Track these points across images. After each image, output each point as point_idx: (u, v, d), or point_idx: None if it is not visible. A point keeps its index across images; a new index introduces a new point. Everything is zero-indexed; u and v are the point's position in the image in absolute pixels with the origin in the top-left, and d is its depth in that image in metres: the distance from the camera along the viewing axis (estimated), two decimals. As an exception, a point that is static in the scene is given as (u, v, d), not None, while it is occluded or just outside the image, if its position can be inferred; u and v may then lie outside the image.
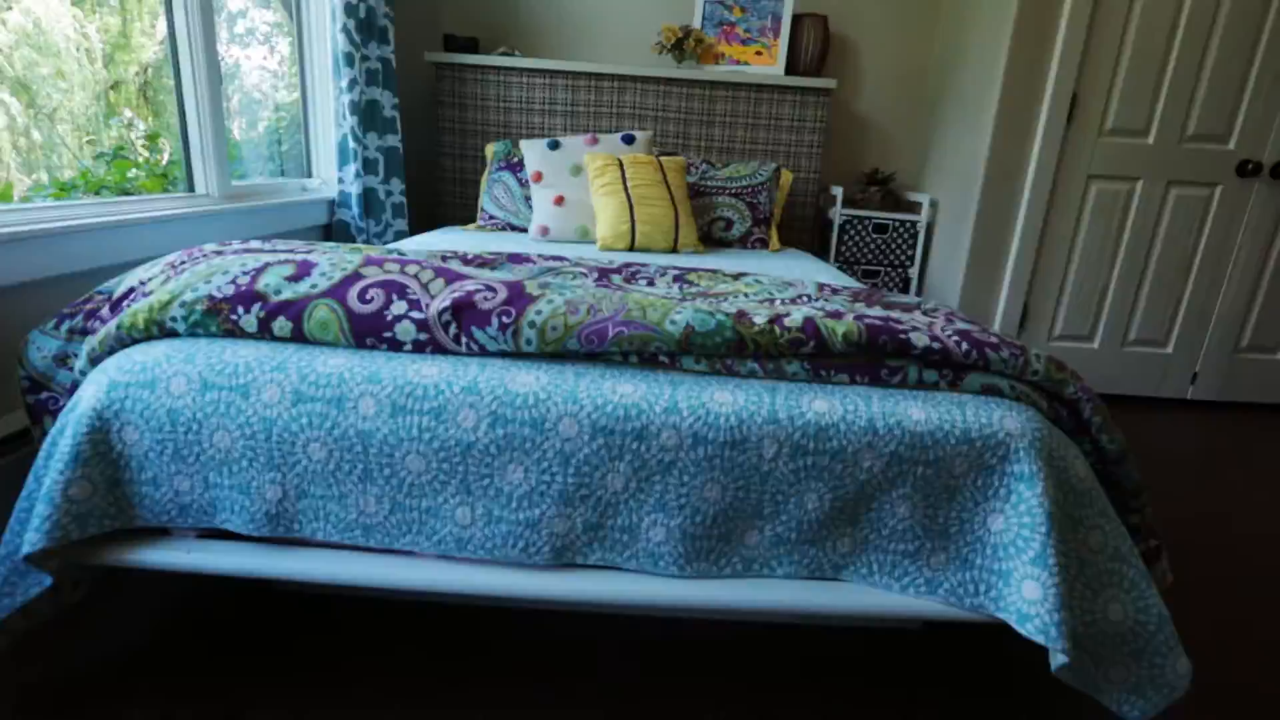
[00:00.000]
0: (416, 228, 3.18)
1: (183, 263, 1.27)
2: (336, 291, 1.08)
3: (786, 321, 1.03)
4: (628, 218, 2.27)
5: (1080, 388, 1.01)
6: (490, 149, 2.79)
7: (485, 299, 1.06)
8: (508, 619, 1.30)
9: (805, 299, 1.31)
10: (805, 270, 2.14)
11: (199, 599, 1.32)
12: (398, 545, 1.04)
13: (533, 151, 2.51)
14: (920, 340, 1.01)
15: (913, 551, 1.00)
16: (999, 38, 2.44)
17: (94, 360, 1.13)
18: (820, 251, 3.10)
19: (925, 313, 1.27)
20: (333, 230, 2.71)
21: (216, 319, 1.08)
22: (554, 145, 2.50)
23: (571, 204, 2.43)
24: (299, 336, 1.07)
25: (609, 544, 1.02)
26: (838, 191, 2.79)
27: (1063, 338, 2.67)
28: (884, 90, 3.01)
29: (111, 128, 2.45)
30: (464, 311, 1.05)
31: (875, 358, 1.03)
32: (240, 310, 1.08)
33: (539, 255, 1.56)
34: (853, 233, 2.80)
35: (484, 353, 1.06)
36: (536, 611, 1.33)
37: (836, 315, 1.09)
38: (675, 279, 1.45)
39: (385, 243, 2.76)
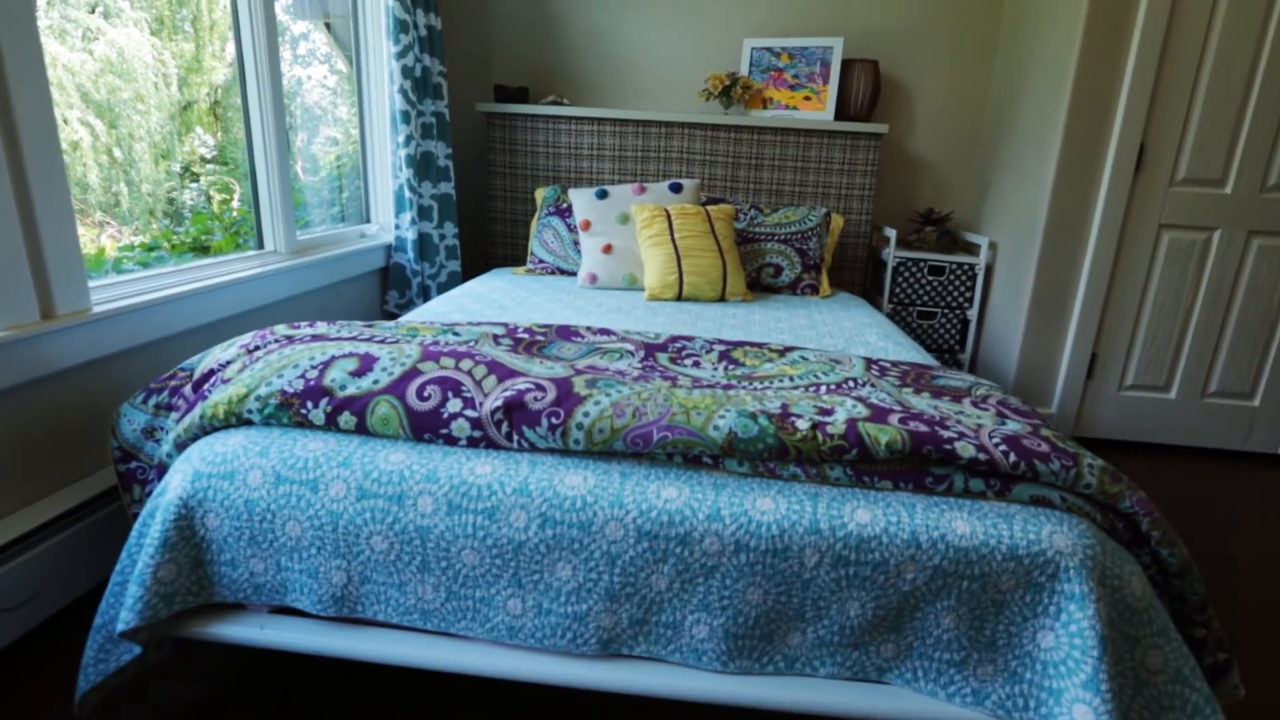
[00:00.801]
0: (468, 268, 3.28)
1: (256, 348, 1.35)
2: (396, 388, 1.15)
3: (829, 428, 1.04)
4: (675, 269, 2.30)
5: (1136, 501, 0.99)
6: (540, 194, 2.87)
7: (535, 399, 1.10)
8: (554, 703, 1.34)
9: (851, 385, 1.31)
10: (856, 322, 2.13)
11: (261, 657, 1.40)
12: (453, 630, 1.09)
13: (581, 200, 2.57)
14: (966, 451, 1.00)
15: (959, 661, 1.00)
16: (1059, 84, 2.38)
17: (180, 446, 1.22)
18: (873, 292, 3.07)
19: (976, 403, 1.25)
20: (390, 274, 2.82)
21: (288, 412, 1.15)
22: (602, 194, 2.55)
23: (619, 252, 2.48)
24: (363, 430, 1.14)
25: (654, 638, 1.05)
26: (891, 233, 2.76)
27: (1135, 387, 2.57)
28: (938, 130, 2.97)
29: (185, 143, 2.64)
30: (515, 411, 1.10)
31: (920, 465, 1.03)
32: (309, 405, 1.15)
33: (586, 328, 1.60)
34: (907, 275, 2.76)
35: (534, 449, 1.10)
36: (583, 697, 1.36)
37: (882, 416, 1.09)
38: (721, 356, 1.47)
39: (439, 283, 2.86)
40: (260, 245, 2.27)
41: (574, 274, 2.67)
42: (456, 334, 1.44)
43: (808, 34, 2.88)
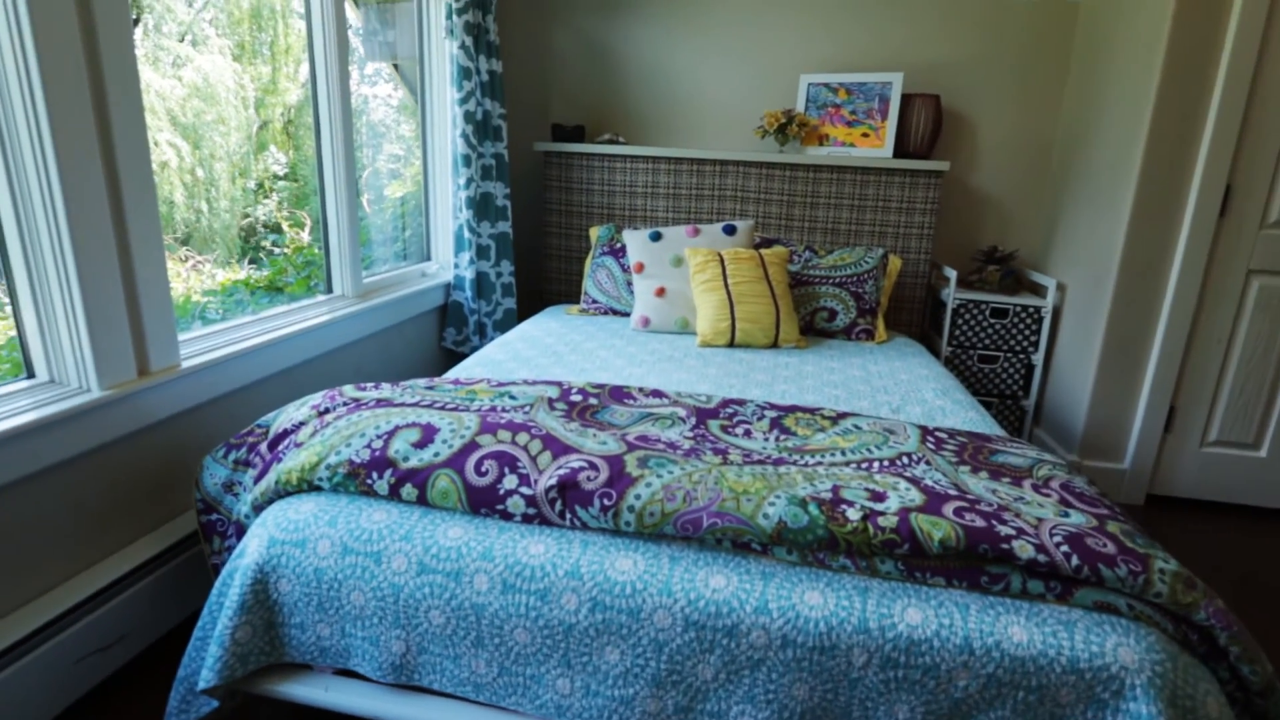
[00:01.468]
0: (524, 304, 3.35)
1: (326, 410, 1.43)
2: (455, 461, 1.19)
3: (881, 520, 1.03)
4: (728, 315, 2.30)
5: (1213, 612, 0.95)
6: (594, 233, 2.92)
7: (588, 478, 1.13)
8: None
9: (905, 461, 1.29)
10: (912, 375, 2.09)
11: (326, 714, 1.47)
12: (504, 704, 1.12)
13: (635, 242, 2.60)
14: (1024, 551, 0.98)
15: (1014, 769, 0.97)
16: (1136, 118, 2.28)
17: (257, 508, 1.30)
18: (931, 333, 3.00)
19: (1037, 486, 1.22)
20: (448, 311, 2.92)
21: (355, 481, 1.22)
22: (655, 237, 2.58)
23: (672, 295, 2.50)
24: (424, 501, 1.19)
25: (699, 723, 1.05)
26: (951, 274, 2.69)
27: (1220, 444, 2.43)
28: (1003, 165, 2.88)
29: (259, 161, 2.81)
30: (569, 490, 1.13)
31: (975, 563, 1.01)
32: (375, 475, 1.21)
33: (639, 389, 1.62)
34: (968, 316, 2.68)
35: (587, 528, 1.13)
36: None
37: (937, 505, 1.07)
38: (773, 424, 1.47)
39: (495, 320, 2.94)
40: (329, 289, 2.39)
41: (627, 315, 2.70)
42: (513, 397, 1.49)
43: (867, 69, 2.85)
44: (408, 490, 1.19)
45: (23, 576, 1.35)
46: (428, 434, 1.26)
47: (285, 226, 3.21)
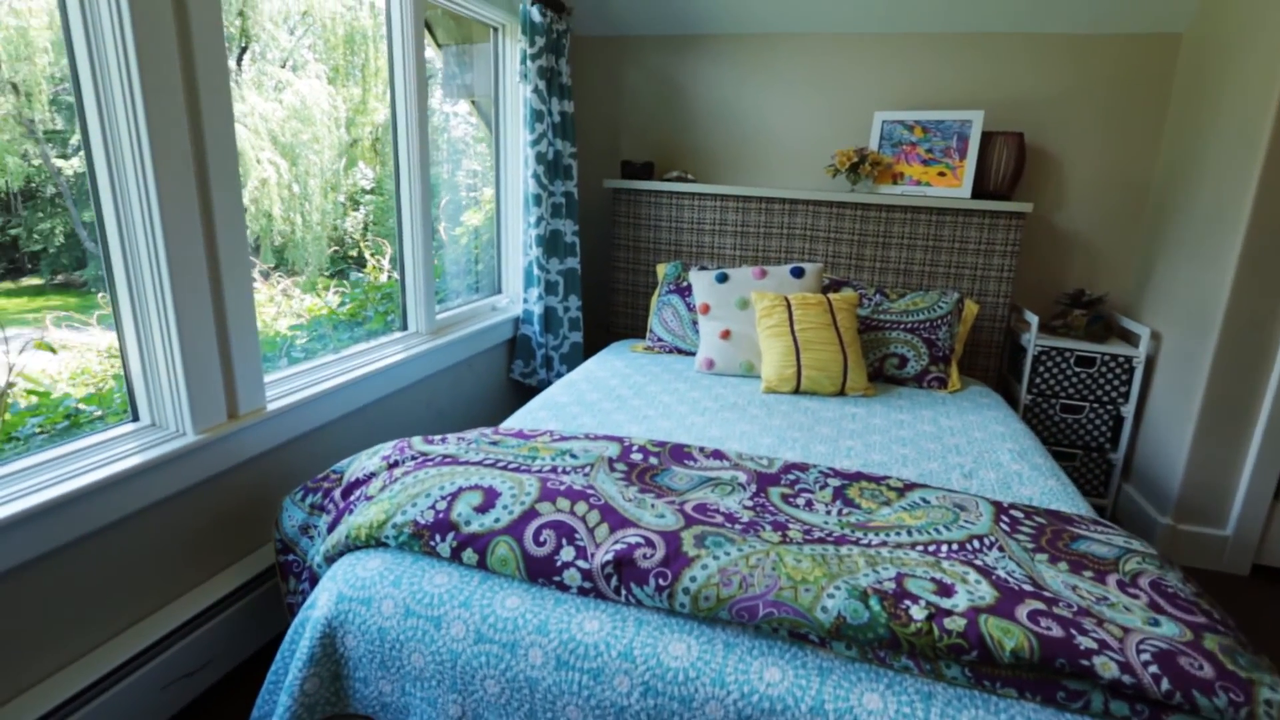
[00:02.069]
0: (590, 338, 3.39)
1: (395, 463, 1.48)
2: (515, 529, 1.22)
3: (947, 622, 0.98)
4: (794, 362, 2.26)
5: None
6: (661, 270, 2.93)
7: (644, 556, 1.13)
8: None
9: (976, 546, 1.23)
10: (987, 432, 1.99)
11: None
12: (555, 775, 1.13)
13: (701, 283, 2.60)
14: (1107, 670, 0.91)
15: None
16: (1247, 158, 2.12)
17: (329, 558, 1.36)
18: (1009, 377, 2.85)
19: (1124, 584, 1.14)
20: (517, 344, 2.99)
21: (420, 542, 1.26)
22: (722, 278, 2.57)
23: (738, 338, 2.47)
24: (483, 566, 1.22)
25: (751, 817, 1.03)
26: (1032, 319, 2.55)
27: (1333, 509, 2.21)
28: (1093, 204, 2.73)
29: (349, 176, 2.97)
30: (624, 567, 1.13)
31: (1051, 676, 0.95)
32: (438, 537, 1.24)
33: (699, 449, 1.61)
34: (1050, 364, 2.54)
35: (641, 605, 1.13)
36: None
37: (1010, 605, 1.02)
38: (836, 494, 1.43)
39: (562, 353, 2.98)
40: (404, 325, 2.49)
41: (691, 354, 2.69)
42: (574, 456, 1.51)
43: (945, 106, 2.76)
44: (468, 555, 1.22)
45: (123, 605, 1.46)
46: (489, 498, 1.29)
47: (368, 255, 3.37)
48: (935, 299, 2.53)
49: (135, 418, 1.56)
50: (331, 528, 1.44)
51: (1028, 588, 1.09)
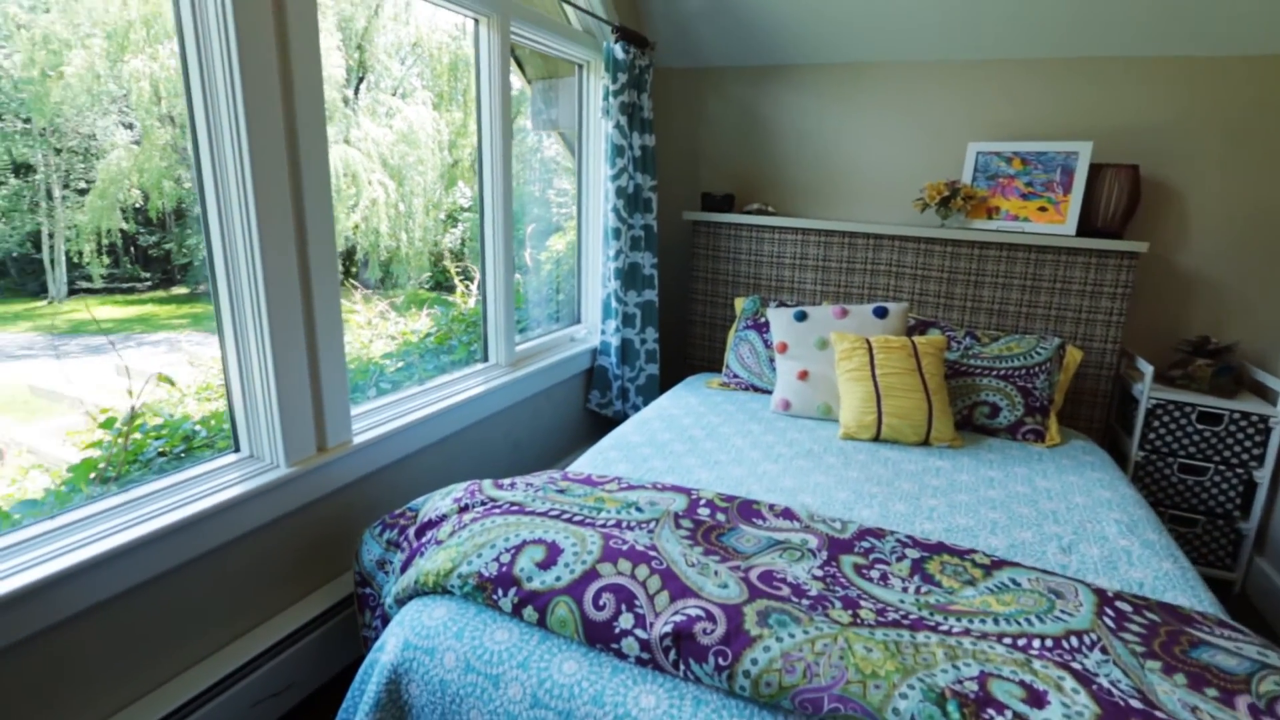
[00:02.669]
0: (666, 370, 3.37)
1: (466, 507, 1.51)
2: (575, 590, 1.21)
3: (1036, 739, 0.89)
4: (874, 408, 2.16)
5: None
6: (739, 304, 2.88)
7: (704, 631, 1.09)
8: None
9: (1074, 644, 1.12)
10: (1091, 498, 1.83)
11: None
12: None
13: (779, 321, 2.54)
14: (1226, 817, 0.80)
15: None
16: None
17: (399, 600, 1.39)
18: (1117, 428, 2.62)
19: (1257, 709, 1.00)
20: (594, 374, 3.01)
21: (483, 594, 1.27)
22: (800, 317, 2.50)
23: (816, 379, 2.39)
24: (543, 624, 1.21)
25: None
26: (1146, 368, 2.34)
27: None
28: (1220, 244, 2.47)
29: (449, 195, 3.10)
30: (683, 641, 1.10)
31: (1157, 815, 0.84)
32: (500, 591, 1.25)
33: (769, 507, 1.56)
34: (1167, 419, 2.31)
35: (700, 681, 1.09)
36: None
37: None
38: (914, 568, 1.35)
39: (638, 385, 2.99)
40: (485, 357, 2.55)
41: (767, 392, 2.63)
42: (639, 510, 1.49)
43: (1047, 137, 2.59)
44: (529, 612, 1.22)
45: (220, 626, 1.56)
46: (552, 554, 1.29)
47: (457, 281, 3.50)
48: (1033, 344, 2.36)
49: (236, 448, 1.67)
50: (404, 567, 1.49)
51: (1136, 704, 0.97)
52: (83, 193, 1.99)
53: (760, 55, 2.96)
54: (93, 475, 1.51)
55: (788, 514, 1.54)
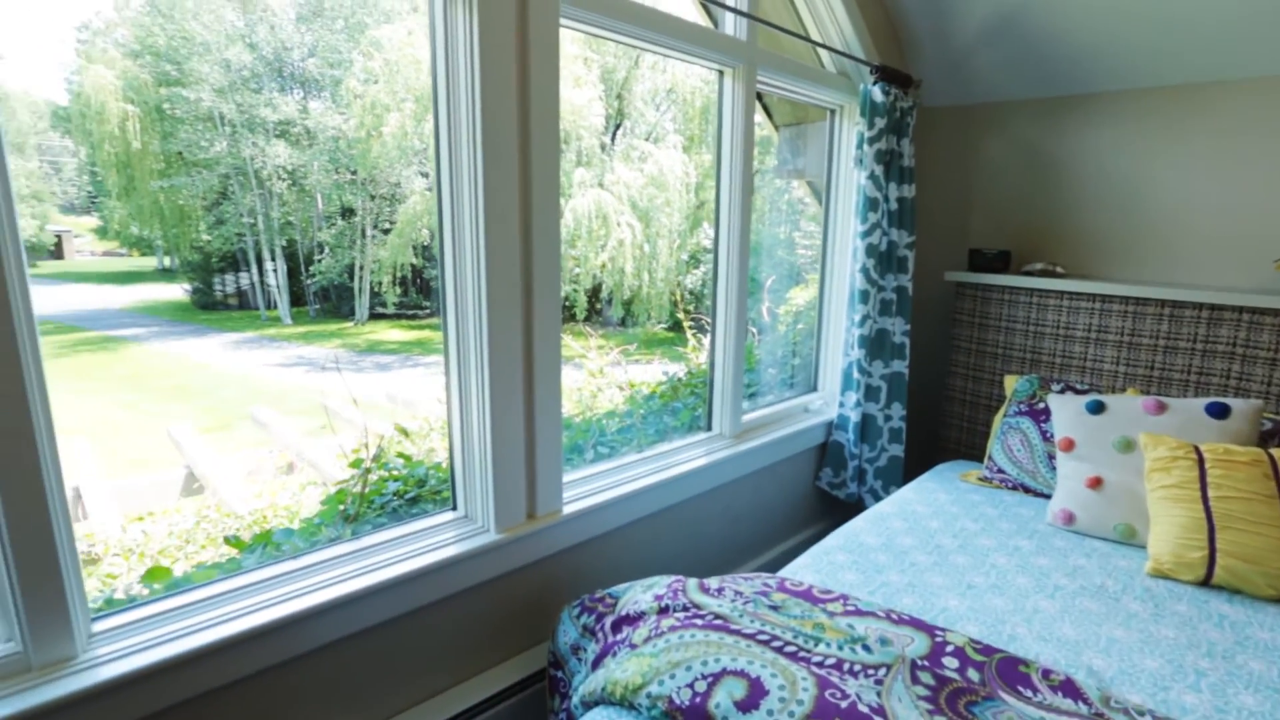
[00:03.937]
0: (914, 450, 2.98)
1: (666, 608, 1.41)
2: (774, 752, 1.02)
3: None
4: (1204, 541, 1.62)
5: None
6: (1010, 383, 2.43)
7: None
8: None
9: None
10: None
11: None
12: None
13: (1065, 410, 2.06)
14: None
15: None
16: None
17: (585, 703, 1.33)
18: None
19: None
20: (828, 450, 2.75)
21: (671, 723, 1.14)
22: (1096, 408, 2.00)
23: (1113, 490, 1.88)
24: (732, 780, 1.05)
25: None
26: None
27: None
28: None
29: (693, 236, 3.14)
30: None
31: None
32: (699, 728, 1.11)
33: (1040, 672, 1.20)
34: None
35: None
36: None
37: None
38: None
39: (878, 467, 2.66)
40: (708, 426, 2.46)
41: (1043, 497, 2.14)
42: (867, 649, 1.25)
43: None
44: (718, 761, 1.06)
45: (419, 682, 1.63)
46: (754, 694, 1.12)
47: (689, 334, 3.50)
48: None
49: (454, 506, 1.76)
50: (595, 663, 1.42)
51: None
52: (386, 232, 2.36)
53: (1053, 84, 2.50)
54: (341, 507, 1.70)
55: (1069, 688, 1.17)
